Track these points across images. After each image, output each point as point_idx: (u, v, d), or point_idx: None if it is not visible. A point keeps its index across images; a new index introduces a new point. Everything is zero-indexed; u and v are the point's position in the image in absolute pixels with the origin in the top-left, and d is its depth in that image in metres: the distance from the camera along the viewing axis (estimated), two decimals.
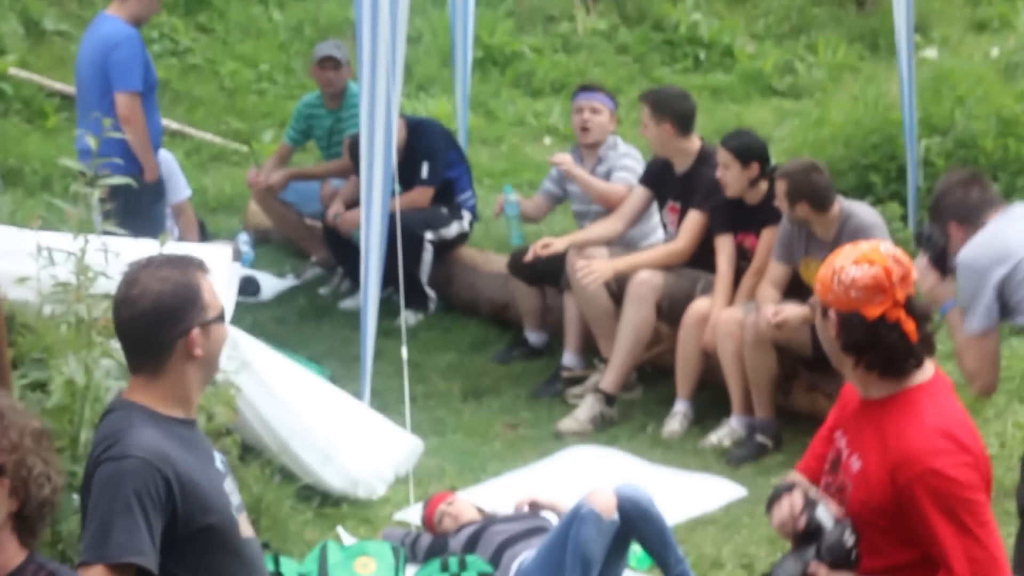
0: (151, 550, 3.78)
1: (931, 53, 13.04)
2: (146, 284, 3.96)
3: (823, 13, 14.83)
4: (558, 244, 8.56)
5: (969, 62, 12.02)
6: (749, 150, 8.03)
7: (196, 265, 4.02)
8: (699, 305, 8.05)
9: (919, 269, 5.62)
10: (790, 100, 13.68)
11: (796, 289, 7.79)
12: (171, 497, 3.83)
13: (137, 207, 8.49)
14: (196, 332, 3.95)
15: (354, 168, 9.54)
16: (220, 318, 4.02)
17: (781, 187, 7.63)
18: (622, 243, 8.70)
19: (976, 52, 13.45)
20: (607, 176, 8.95)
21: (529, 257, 8.63)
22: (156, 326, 3.95)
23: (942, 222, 5.71)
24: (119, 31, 8.80)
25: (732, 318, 7.81)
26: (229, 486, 4.07)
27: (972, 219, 5.66)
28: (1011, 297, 5.41)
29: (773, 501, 4.21)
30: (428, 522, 6.79)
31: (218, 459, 4.09)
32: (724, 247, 8.13)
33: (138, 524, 3.76)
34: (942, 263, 5.55)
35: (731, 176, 7.99)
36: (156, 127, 9.05)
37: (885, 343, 3.99)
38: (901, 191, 10.17)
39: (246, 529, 4.09)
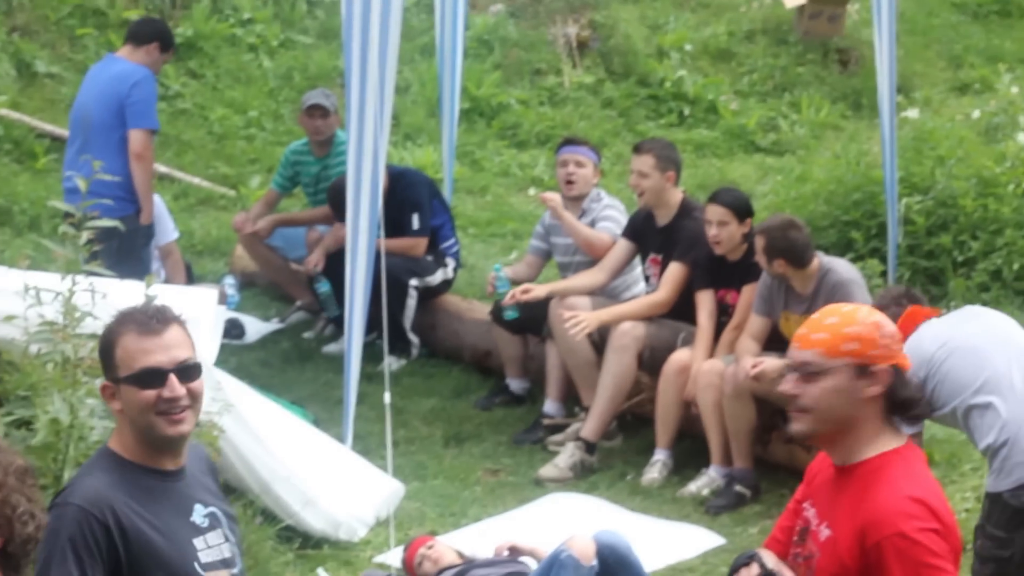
0: None
1: (913, 114, 13.15)
2: None
3: (807, 72, 14.95)
4: (538, 291, 8.65)
5: (950, 123, 12.10)
6: (744, 206, 8.13)
7: (132, 321, 3.92)
8: (679, 356, 8.12)
9: None
10: (773, 157, 13.78)
11: (775, 342, 7.88)
12: (112, 545, 3.81)
13: (130, 248, 8.58)
14: (106, 385, 3.94)
15: (334, 214, 9.64)
16: (136, 380, 3.88)
17: (760, 243, 7.71)
18: (604, 293, 8.78)
19: (957, 113, 13.56)
20: (591, 227, 9.04)
21: (507, 301, 8.69)
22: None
23: None
24: (137, 70, 8.93)
25: (712, 369, 7.89)
26: (211, 540, 3.99)
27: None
28: (929, 393, 5.51)
29: (732, 574, 4.23)
30: (408, 565, 6.83)
31: (200, 512, 4.00)
32: (705, 302, 8.20)
33: (72, 573, 3.76)
34: None
35: (727, 233, 8.06)
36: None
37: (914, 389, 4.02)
38: (881, 248, 10.26)
39: None
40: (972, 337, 5.60)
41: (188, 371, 3.91)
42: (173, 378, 3.87)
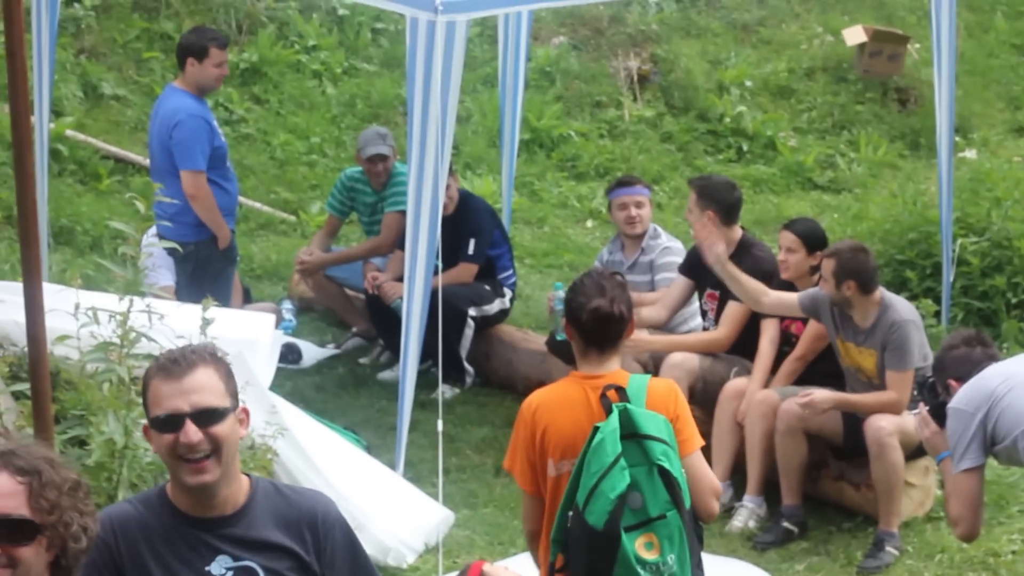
0: None
1: (970, 154, 13.15)
2: None
3: (866, 110, 14.97)
4: None
5: (1008, 164, 12.11)
6: (816, 238, 8.16)
7: (160, 366, 3.88)
8: (736, 383, 8.11)
9: (921, 417, 5.80)
10: (830, 194, 13.80)
11: (830, 376, 7.88)
12: (116, 566, 3.84)
13: (203, 271, 8.76)
14: (146, 426, 3.93)
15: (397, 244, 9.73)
16: (156, 424, 3.84)
17: (828, 266, 7.66)
18: (663, 329, 8.82)
19: (1015, 155, 13.56)
20: (650, 266, 9.13)
21: None
22: None
23: (943, 377, 5.85)
24: (181, 108, 8.95)
25: (766, 400, 7.86)
26: None
27: (971, 377, 5.77)
28: (992, 426, 5.53)
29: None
30: None
31: (224, 564, 3.88)
32: (768, 330, 8.21)
33: None
34: (940, 416, 5.70)
35: (795, 260, 8.10)
36: (229, 193, 9.24)
37: None
38: (935, 288, 10.28)
39: None
40: None
41: (208, 416, 3.81)
42: (189, 423, 3.79)
